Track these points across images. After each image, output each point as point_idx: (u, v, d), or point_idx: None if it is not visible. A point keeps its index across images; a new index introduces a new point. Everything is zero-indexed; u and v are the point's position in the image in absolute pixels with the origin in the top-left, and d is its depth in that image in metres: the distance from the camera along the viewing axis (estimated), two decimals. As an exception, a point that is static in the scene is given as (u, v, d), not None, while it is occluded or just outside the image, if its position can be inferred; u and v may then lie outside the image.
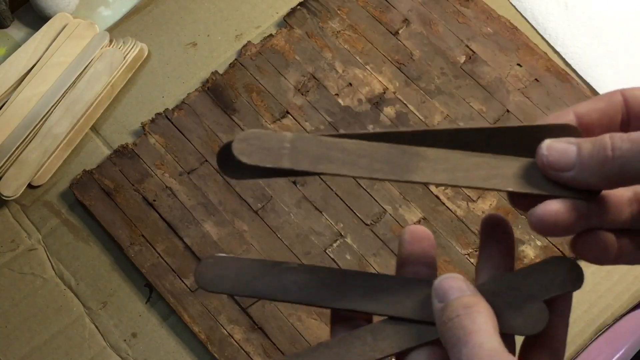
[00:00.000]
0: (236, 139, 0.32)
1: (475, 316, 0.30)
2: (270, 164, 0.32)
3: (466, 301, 0.31)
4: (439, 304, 0.31)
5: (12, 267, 0.67)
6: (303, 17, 0.75)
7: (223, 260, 0.35)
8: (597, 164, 0.30)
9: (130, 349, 0.64)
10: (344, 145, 0.32)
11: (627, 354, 0.64)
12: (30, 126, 0.70)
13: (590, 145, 0.31)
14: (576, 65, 0.74)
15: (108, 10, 0.78)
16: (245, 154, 0.32)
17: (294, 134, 0.32)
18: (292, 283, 0.34)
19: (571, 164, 0.31)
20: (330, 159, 0.32)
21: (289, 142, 0.32)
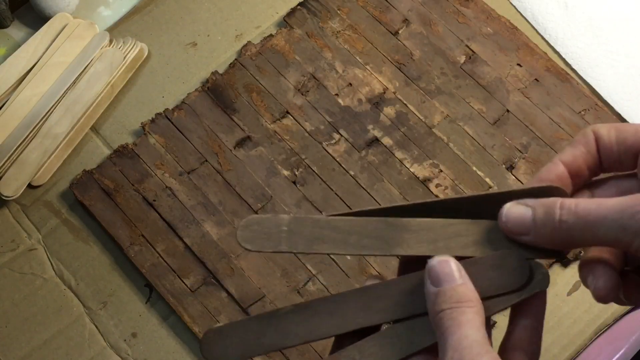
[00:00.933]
0: (239, 226, 0.36)
1: (465, 310, 0.32)
2: (270, 249, 0.35)
3: (459, 294, 0.33)
4: (432, 288, 0.33)
5: (12, 267, 0.67)
6: (303, 17, 0.75)
7: (223, 330, 0.37)
8: (548, 231, 0.33)
9: (130, 349, 0.64)
10: (336, 224, 0.36)
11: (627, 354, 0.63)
12: (30, 126, 0.70)
13: (543, 211, 0.33)
14: (576, 65, 0.74)
15: (108, 10, 0.78)
16: (249, 242, 0.35)
17: (290, 217, 0.36)
18: (293, 325, 0.36)
19: (527, 229, 0.34)
20: (324, 239, 0.36)
21: (286, 225, 0.36)
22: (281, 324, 0.36)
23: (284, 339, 0.36)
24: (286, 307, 0.36)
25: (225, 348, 0.36)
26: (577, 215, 0.32)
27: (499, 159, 0.69)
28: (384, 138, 0.70)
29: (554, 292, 0.64)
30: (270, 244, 0.36)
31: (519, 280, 0.34)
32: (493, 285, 0.34)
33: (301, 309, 0.36)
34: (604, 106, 0.71)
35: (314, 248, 0.36)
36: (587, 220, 0.32)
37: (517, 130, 0.70)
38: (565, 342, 0.63)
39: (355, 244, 0.36)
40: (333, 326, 0.35)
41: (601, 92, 0.72)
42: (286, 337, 0.36)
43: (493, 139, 0.70)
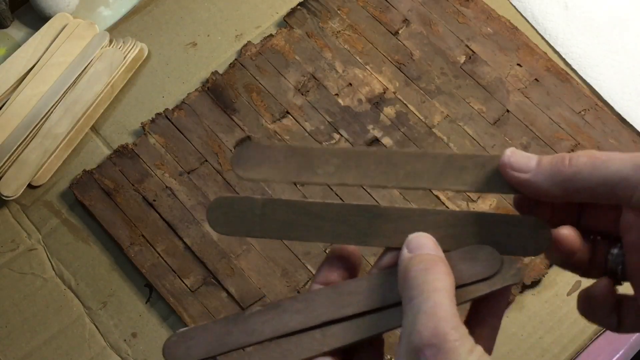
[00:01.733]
0: (209, 207, 0.34)
1: (441, 276, 0.31)
2: (241, 234, 0.34)
3: (434, 259, 0.32)
4: (407, 254, 0.33)
5: (12, 267, 0.67)
6: (303, 17, 0.75)
7: (187, 333, 0.36)
8: (552, 170, 0.33)
9: (130, 349, 0.64)
10: (310, 209, 0.34)
11: (627, 354, 0.64)
12: (30, 126, 0.70)
13: (550, 157, 0.33)
14: (576, 65, 0.74)
15: (108, 10, 0.78)
16: (220, 224, 0.34)
17: (263, 199, 0.34)
18: (259, 324, 0.35)
19: (529, 168, 0.33)
20: (297, 225, 0.34)
21: (260, 208, 0.34)
22: (247, 323, 0.35)
23: (248, 337, 0.35)
24: (254, 308, 0.35)
25: (187, 349, 0.35)
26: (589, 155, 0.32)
27: (499, 159, 0.69)
28: (384, 138, 0.70)
29: (554, 292, 0.64)
30: (243, 228, 0.34)
31: (489, 270, 0.34)
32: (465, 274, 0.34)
33: (269, 309, 0.35)
34: (604, 106, 0.71)
35: (286, 234, 0.34)
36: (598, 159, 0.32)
37: (517, 130, 0.70)
38: (565, 342, 0.63)
39: (329, 232, 0.35)
40: (300, 322, 0.35)
41: (601, 92, 0.72)
42: (251, 335, 0.35)
43: (493, 139, 0.70)
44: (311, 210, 0.35)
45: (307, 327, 0.35)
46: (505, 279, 0.34)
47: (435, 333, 0.29)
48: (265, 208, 0.35)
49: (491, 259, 0.34)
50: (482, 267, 0.34)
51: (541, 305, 0.64)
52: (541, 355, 0.62)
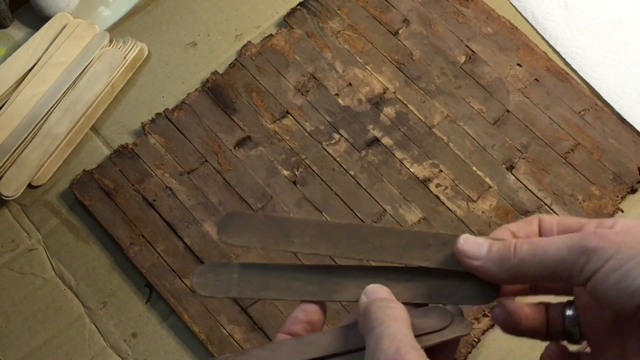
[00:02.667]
0: (195, 274, 0.39)
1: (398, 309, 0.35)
2: (221, 295, 0.39)
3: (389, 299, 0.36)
4: (365, 299, 0.36)
5: (12, 267, 0.67)
6: (303, 17, 0.75)
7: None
8: (500, 258, 0.36)
9: (130, 349, 0.64)
10: (281, 271, 0.39)
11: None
12: (30, 126, 0.70)
13: (498, 245, 0.36)
14: (576, 65, 0.74)
15: (108, 10, 0.78)
16: (203, 288, 0.38)
17: (240, 263, 0.39)
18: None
19: (480, 255, 0.37)
20: (270, 286, 0.39)
21: (237, 272, 0.39)
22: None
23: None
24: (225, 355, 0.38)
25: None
26: (530, 243, 0.35)
27: (499, 159, 0.69)
28: (384, 138, 0.70)
29: (554, 292, 0.64)
30: (222, 290, 0.39)
31: (441, 323, 0.37)
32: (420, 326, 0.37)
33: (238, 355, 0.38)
34: (604, 106, 0.71)
35: (262, 294, 0.39)
36: (537, 246, 0.35)
37: (517, 130, 0.70)
38: (565, 342, 0.63)
39: (299, 290, 0.39)
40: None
41: (601, 92, 0.72)
42: None
43: (493, 139, 0.70)
44: (282, 273, 0.39)
45: None
46: (455, 331, 0.37)
47: (397, 351, 0.32)
48: (242, 272, 0.39)
49: (443, 315, 0.37)
50: (435, 322, 0.37)
51: (541, 305, 0.64)
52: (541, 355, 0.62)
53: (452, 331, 0.37)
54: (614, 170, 0.68)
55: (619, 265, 0.32)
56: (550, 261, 0.34)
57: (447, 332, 0.37)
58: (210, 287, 0.39)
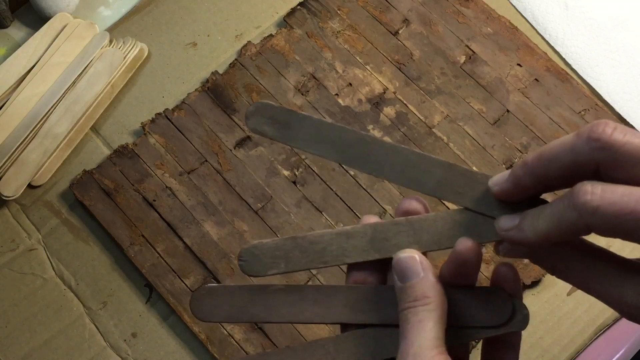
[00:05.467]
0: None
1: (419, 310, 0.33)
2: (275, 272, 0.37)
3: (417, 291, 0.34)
4: (398, 284, 0.35)
5: (12, 267, 0.67)
6: (303, 17, 0.75)
7: (214, 291, 0.38)
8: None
9: (130, 349, 0.64)
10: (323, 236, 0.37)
11: (627, 354, 0.64)
12: (30, 126, 0.70)
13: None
14: (576, 65, 0.74)
15: (108, 10, 0.78)
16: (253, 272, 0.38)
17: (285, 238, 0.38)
18: (280, 303, 0.37)
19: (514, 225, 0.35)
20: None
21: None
22: (269, 299, 0.37)
23: (268, 314, 0.37)
24: (278, 285, 0.38)
25: (212, 307, 0.37)
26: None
27: (499, 159, 0.69)
28: (384, 138, 0.70)
29: (554, 292, 0.64)
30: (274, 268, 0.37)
31: (500, 318, 0.35)
32: (475, 317, 0.35)
33: (291, 290, 0.37)
34: (604, 106, 0.71)
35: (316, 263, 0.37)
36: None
37: (517, 130, 0.70)
38: (565, 342, 0.63)
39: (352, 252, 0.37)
40: (316, 315, 0.37)
41: (601, 92, 0.72)
42: (271, 313, 0.37)
43: (493, 139, 0.70)
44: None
45: (321, 322, 0.37)
46: (511, 326, 0.35)
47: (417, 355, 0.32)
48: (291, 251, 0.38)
49: (503, 307, 0.35)
50: (494, 314, 0.35)
51: (541, 305, 0.64)
52: (541, 355, 0.62)
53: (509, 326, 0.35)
54: (614, 170, 0.68)
55: None
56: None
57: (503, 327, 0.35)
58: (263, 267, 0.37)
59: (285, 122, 0.38)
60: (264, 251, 0.38)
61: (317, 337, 0.62)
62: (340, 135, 0.37)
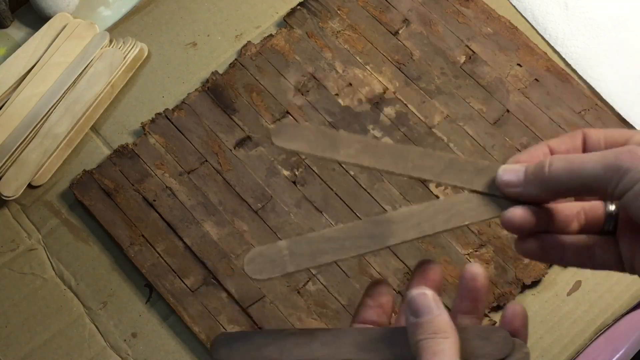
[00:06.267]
0: (245, 261, 0.39)
1: (439, 341, 0.35)
2: (279, 273, 0.38)
3: (435, 325, 0.36)
4: (412, 319, 0.37)
5: (12, 267, 0.67)
6: (303, 17, 0.75)
7: (232, 336, 0.41)
8: (537, 179, 0.37)
9: (130, 349, 0.64)
10: (329, 235, 0.39)
11: (627, 354, 0.64)
12: (30, 126, 0.70)
13: (534, 165, 0.37)
14: (576, 65, 0.74)
15: (108, 10, 0.78)
16: (257, 272, 0.39)
17: (287, 240, 0.39)
18: (293, 345, 0.40)
19: (519, 182, 0.38)
20: (323, 251, 0.39)
21: (287, 248, 0.39)
22: (283, 341, 0.40)
23: (280, 354, 0.39)
24: (292, 329, 0.40)
25: (230, 351, 0.40)
26: (565, 160, 0.36)
27: (499, 159, 0.69)
28: (384, 138, 0.70)
29: (554, 292, 0.65)
30: (278, 269, 0.39)
31: (500, 353, 0.37)
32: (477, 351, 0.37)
33: (304, 333, 0.40)
34: (604, 106, 0.71)
35: (317, 260, 0.39)
36: (573, 163, 0.35)
37: (517, 130, 0.70)
38: (565, 342, 0.63)
39: (352, 247, 0.39)
40: (325, 355, 0.39)
41: (601, 92, 0.72)
42: (282, 353, 0.39)
43: (493, 139, 0.70)
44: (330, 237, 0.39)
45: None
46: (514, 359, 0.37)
47: None
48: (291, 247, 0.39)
49: (504, 343, 0.37)
50: (494, 349, 0.37)
51: (541, 305, 0.64)
52: (541, 355, 0.62)
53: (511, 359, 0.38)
54: (614, 170, 0.68)
55: None
56: (586, 178, 0.35)
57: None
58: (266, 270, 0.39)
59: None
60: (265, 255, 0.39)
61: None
62: None
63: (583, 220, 0.40)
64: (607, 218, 0.39)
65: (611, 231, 0.39)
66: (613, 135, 0.38)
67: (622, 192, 0.34)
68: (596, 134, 0.39)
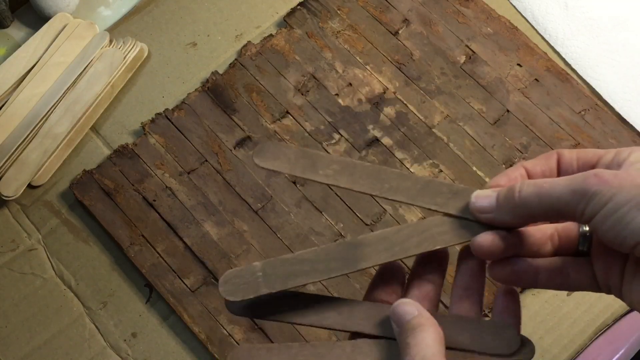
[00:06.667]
0: (220, 282, 0.39)
1: (417, 334, 0.36)
2: (252, 295, 0.39)
3: (413, 323, 0.37)
4: (396, 328, 0.38)
5: (12, 267, 0.67)
6: (303, 17, 0.75)
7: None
8: (508, 205, 0.37)
9: (130, 349, 0.64)
10: (302, 257, 0.39)
11: (627, 354, 0.64)
12: (30, 126, 0.70)
13: (504, 190, 0.38)
14: (576, 65, 0.74)
15: (108, 10, 0.78)
16: (231, 294, 0.39)
17: (262, 262, 0.39)
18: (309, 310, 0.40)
19: (491, 207, 0.38)
20: (295, 274, 0.39)
21: (260, 270, 0.39)
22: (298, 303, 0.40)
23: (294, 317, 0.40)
24: (309, 294, 0.40)
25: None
26: (534, 185, 0.36)
27: (499, 159, 0.69)
28: (384, 138, 0.70)
29: (554, 292, 0.64)
30: (251, 291, 0.39)
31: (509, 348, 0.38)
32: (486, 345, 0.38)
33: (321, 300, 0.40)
34: (603, 106, 0.71)
35: (289, 283, 0.39)
36: (542, 188, 0.36)
37: (517, 130, 0.70)
38: (565, 342, 0.63)
39: (324, 270, 0.39)
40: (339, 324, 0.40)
41: (601, 92, 0.72)
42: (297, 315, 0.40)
43: (493, 139, 0.70)
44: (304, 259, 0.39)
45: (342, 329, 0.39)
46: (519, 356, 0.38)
47: None
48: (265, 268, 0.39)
49: (513, 338, 0.38)
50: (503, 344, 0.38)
51: (541, 305, 0.64)
52: (541, 355, 0.62)
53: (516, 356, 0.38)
54: (614, 170, 0.68)
55: (614, 209, 0.34)
56: (555, 203, 0.35)
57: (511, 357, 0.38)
58: (239, 291, 0.39)
59: None
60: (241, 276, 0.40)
61: (317, 337, 0.62)
62: None
63: (557, 242, 0.40)
64: (581, 239, 0.39)
65: (585, 252, 0.40)
66: (586, 155, 0.38)
67: (590, 216, 0.34)
68: (569, 155, 0.39)
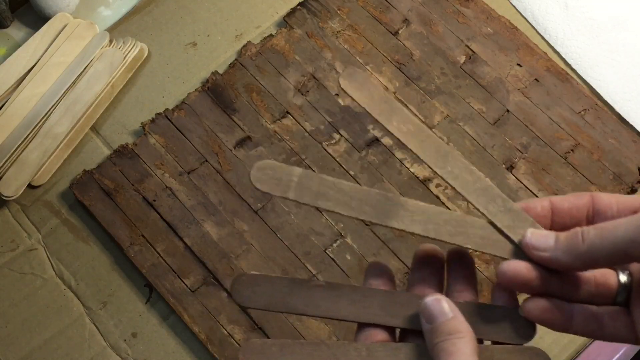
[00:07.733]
0: (254, 167, 0.38)
1: (455, 341, 0.35)
2: (278, 194, 0.38)
3: (450, 327, 0.36)
4: (427, 325, 0.37)
5: (12, 267, 0.67)
6: (303, 17, 0.75)
7: (256, 278, 0.39)
8: (569, 247, 0.36)
9: (130, 349, 0.64)
10: (341, 187, 0.38)
11: (627, 354, 0.64)
12: (30, 126, 0.70)
13: (565, 234, 0.37)
14: (576, 65, 0.74)
15: (108, 10, 0.78)
16: (260, 182, 0.38)
17: (302, 170, 0.38)
18: (319, 298, 0.39)
19: (549, 247, 0.37)
20: (328, 197, 0.38)
21: (297, 176, 0.38)
22: (308, 292, 0.39)
23: (305, 306, 0.38)
24: (319, 281, 0.39)
25: (253, 294, 0.38)
26: (595, 228, 0.36)
27: (499, 159, 0.69)
28: (384, 138, 0.70)
29: (554, 292, 0.64)
30: (280, 189, 0.38)
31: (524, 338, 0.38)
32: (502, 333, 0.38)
33: (331, 288, 0.39)
34: (604, 106, 0.71)
35: (318, 202, 0.38)
36: (604, 229, 0.35)
37: (517, 130, 0.70)
38: (565, 342, 0.63)
39: (355, 208, 0.38)
40: (352, 314, 0.38)
41: (601, 92, 0.72)
42: (308, 306, 0.38)
43: (493, 139, 0.70)
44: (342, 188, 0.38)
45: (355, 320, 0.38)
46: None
47: None
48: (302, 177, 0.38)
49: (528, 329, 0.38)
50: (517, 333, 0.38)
51: (541, 305, 0.64)
52: (541, 355, 0.62)
53: None
54: (614, 170, 0.68)
55: None
56: (620, 242, 0.35)
57: None
58: (267, 184, 0.38)
59: None
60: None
61: (317, 337, 0.62)
62: None
63: (593, 289, 0.39)
64: (621, 289, 0.38)
65: (622, 303, 0.38)
66: (627, 200, 0.38)
67: None
68: (608, 199, 0.38)
